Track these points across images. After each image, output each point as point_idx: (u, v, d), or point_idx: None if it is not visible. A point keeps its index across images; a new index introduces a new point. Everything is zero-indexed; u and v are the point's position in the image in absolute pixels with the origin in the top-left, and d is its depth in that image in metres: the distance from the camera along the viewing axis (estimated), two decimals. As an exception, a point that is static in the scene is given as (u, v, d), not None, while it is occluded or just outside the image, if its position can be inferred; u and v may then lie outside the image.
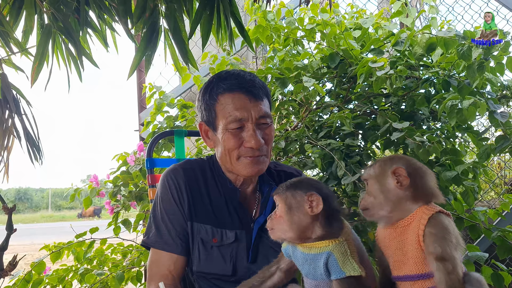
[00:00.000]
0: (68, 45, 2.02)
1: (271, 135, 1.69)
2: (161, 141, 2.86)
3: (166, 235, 1.68)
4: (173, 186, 1.70)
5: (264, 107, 1.66)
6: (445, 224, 1.18)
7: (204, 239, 1.66)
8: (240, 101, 1.63)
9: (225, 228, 1.67)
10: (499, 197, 4.18)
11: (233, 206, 1.71)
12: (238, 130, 1.62)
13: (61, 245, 2.71)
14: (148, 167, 2.14)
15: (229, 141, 1.62)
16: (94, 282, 2.55)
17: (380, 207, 1.25)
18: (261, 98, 1.66)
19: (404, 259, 1.22)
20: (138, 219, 2.85)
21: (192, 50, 2.25)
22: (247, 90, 1.64)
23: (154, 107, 3.09)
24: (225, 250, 1.65)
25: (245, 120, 1.61)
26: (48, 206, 40.37)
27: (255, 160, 1.64)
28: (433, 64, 2.71)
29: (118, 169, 2.97)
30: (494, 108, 2.29)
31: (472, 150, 3.76)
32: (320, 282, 1.28)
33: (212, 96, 1.67)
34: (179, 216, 1.68)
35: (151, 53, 2.02)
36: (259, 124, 1.64)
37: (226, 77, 1.69)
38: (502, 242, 2.45)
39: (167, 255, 1.67)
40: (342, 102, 2.83)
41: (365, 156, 2.55)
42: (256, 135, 1.61)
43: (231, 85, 1.65)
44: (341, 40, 2.77)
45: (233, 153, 1.64)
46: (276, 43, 2.93)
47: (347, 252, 1.26)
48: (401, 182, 1.22)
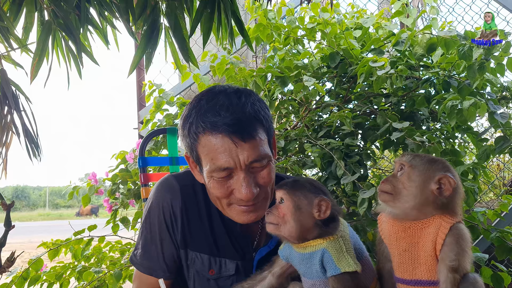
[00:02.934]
0: (68, 42, 2.01)
1: (268, 177, 1.42)
2: (160, 139, 2.86)
3: (154, 259, 1.55)
4: (167, 210, 1.52)
5: (256, 149, 1.36)
6: (466, 235, 1.15)
7: (199, 271, 1.52)
8: (224, 145, 1.33)
9: (224, 258, 1.52)
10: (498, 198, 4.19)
11: (234, 234, 1.54)
12: (225, 178, 1.37)
13: (59, 243, 2.70)
14: (141, 166, 2.10)
15: (216, 190, 1.40)
16: (91, 280, 2.54)
17: (405, 200, 1.19)
18: (252, 136, 1.36)
19: (414, 263, 1.19)
20: (136, 217, 2.84)
21: (192, 49, 2.25)
22: (233, 132, 1.33)
23: (153, 105, 3.08)
24: (224, 284, 1.51)
25: (232, 168, 1.35)
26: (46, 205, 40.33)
27: (249, 209, 1.42)
28: (433, 64, 2.71)
29: (116, 167, 2.96)
30: (494, 109, 2.29)
31: (471, 151, 3.76)
32: (316, 281, 1.28)
33: (191, 135, 1.40)
34: (169, 243, 1.53)
35: (152, 51, 2.01)
36: (251, 168, 1.38)
37: (208, 110, 1.37)
38: (501, 243, 2.45)
39: (151, 278, 1.56)
40: (342, 102, 2.83)
41: (364, 155, 2.55)
42: (247, 185, 1.35)
43: (213, 124, 1.34)
44: (342, 39, 2.77)
45: (222, 200, 1.43)
46: (276, 42, 2.93)
47: (342, 248, 1.25)
48: (443, 191, 1.17)
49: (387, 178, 1.24)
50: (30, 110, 2.05)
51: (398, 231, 1.23)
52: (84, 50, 2.10)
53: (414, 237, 1.19)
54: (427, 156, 1.24)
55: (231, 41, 2.20)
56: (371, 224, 2.41)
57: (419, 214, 1.19)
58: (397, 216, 1.23)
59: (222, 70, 2.82)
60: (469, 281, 1.13)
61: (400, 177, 1.21)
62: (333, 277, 1.23)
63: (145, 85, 3.19)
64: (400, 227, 1.22)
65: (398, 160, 1.25)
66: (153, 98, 3.10)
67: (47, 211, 36.19)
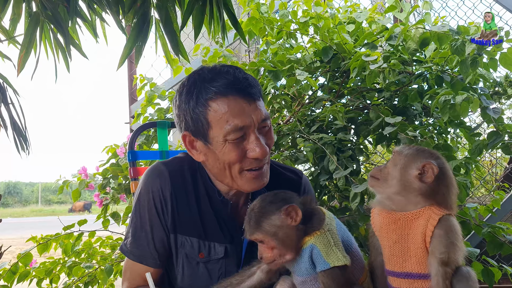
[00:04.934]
0: (56, 34, 1.98)
1: (272, 139, 1.51)
2: (151, 133, 2.83)
3: (144, 247, 1.54)
4: (157, 195, 1.52)
5: (263, 108, 1.46)
6: (456, 228, 1.14)
7: (188, 254, 1.52)
8: (238, 105, 1.39)
9: (213, 241, 1.52)
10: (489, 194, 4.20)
11: (223, 218, 1.55)
12: (239, 140, 1.41)
13: (49, 237, 2.67)
14: (130, 160, 2.07)
15: (231, 153, 1.41)
16: (82, 275, 2.52)
17: (389, 184, 1.20)
18: (258, 98, 1.45)
19: (404, 255, 1.19)
20: (127, 211, 2.82)
21: (184, 43, 2.22)
22: (244, 92, 1.41)
23: (145, 99, 3.05)
24: (213, 267, 1.52)
25: (247, 128, 1.40)
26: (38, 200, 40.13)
27: (259, 174, 1.46)
28: (426, 59, 2.70)
29: (107, 161, 2.93)
30: (487, 104, 2.29)
31: (464, 147, 3.77)
32: (307, 278, 1.27)
33: (200, 102, 1.41)
34: (159, 229, 1.53)
35: (142, 44, 1.98)
36: (260, 129, 1.45)
37: (213, 77, 1.43)
38: (492, 238, 2.45)
39: (142, 267, 1.54)
40: (335, 97, 2.81)
41: (357, 150, 2.54)
42: (261, 142, 1.41)
43: (224, 87, 1.40)
44: (335, 34, 2.75)
45: (235, 166, 1.44)
46: (269, 36, 2.91)
47: (330, 242, 1.24)
48: (425, 177, 1.17)
49: (379, 166, 1.26)
50: (18, 103, 2.02)
51: (388, 222, 1.22)
52: (73, 43, 2.07)
53: (404, 228, 1.19)
54: (418, 146, 1.25)
55: (223, 35, 2.18)
56: (363, 219, 2.40)
57: (406, 203, 1.19)
58: (385, 204, 1.23)
59: (214, 64, 2.79)
60: (462, 274, 1.12)
61: (390, 163, 1.23)
62: (323, 272, 1.22)
63: (136, 78, 3.16)
64: (391, 218, 1.22)
65: (394, 150, 1.27)
66: (145, 92, 3.07)
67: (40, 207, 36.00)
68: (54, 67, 2.03)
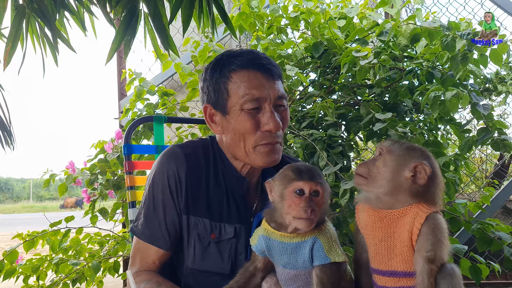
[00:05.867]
0: (44, 28, 1.95)
1: (287, 119, 1.57)
2: (140, 129, 2.80)
3: (156, 228, 1.55)
4: (172, 176, 1.55)
5: (281, 88, 1.54)
6: (443, 225, 1.13)
7: (201, 234, 1.53)
8: (257, 79, 1.49)
9: (223, 222, 1.54)
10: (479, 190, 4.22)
11: (233, 198, 1.57)
12: (254, 111, 1.48)
13: (35, 234, 2.63)
14: (126, 153, 2.05)
15: (246, 123, 1.48)
16: (69, 272, 2.49)
17: (379, 185, 1.16)
18: (278, 78, 1.55)
19: (389, 254, 1.16)
20: (115, 208, 2.79)
21: (174, 37, 2.19)
22: (264, 68, 1.51)
23: (134, 94, 3.01)
24: (224, 247, 1.53)
25: (263, 100, 1.48)
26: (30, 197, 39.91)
27: (272, 149, 1.51)
28: (417, 55, 2.70)
29: (95, 157, 2.90)
30: (477, 100, 2.29)
31: (454, 143, 3.78)
32: (300, 271, 1.24)
33: (223, 73, 1.52)
34: (172, 210, 1.55)
35: (131, 38, 1.95)
36: (276, 106, 1.51)
37: (239, 53, 1.55)
38: (482, 234, 2.46)
39: (153, 249, 1.56)
40: (326, 93, 2.80)
41: (347, 146, 2.53)
42: (274, 116, 1.48)
43: (246, 61, 1.51)
44: (326, 29, 2.74)
45: (249, 138, 1.50)
46: (259, 31, 2.88)
47: (332, 237, 1.23)
48: (418, 179, 1.14)
49: (364, 162, 1.22)
50: (2, 97, 1.98)
51: (374, 220, 1.20)
52: (60, 37, 2.04)
53: (390, 226, 1.17)
54: (407, 144, 1.22)
55: (213, 29, 2.16)
56: (353, 215, 2.39)
57: (394, 202, 1.17)
58: (371, 202, 1.20)
59: (204, 58, 2.77)
60: (447, 271, 1.10)
61: (376, 161, 1.19)
62: (320, 266, 1.20)
63: (124, 73, 3.12)
64: (377, 216, 1.19)
65: (378, 145, 1.23)
66: (134, 87, 3.04)
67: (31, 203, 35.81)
68: (42, 62, 2.00)
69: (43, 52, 2.01)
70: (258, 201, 1.64)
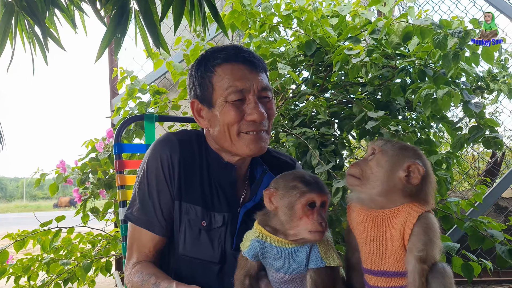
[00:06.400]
0: (34, 26, 1.93)
1: (273, 110, 1.59)
2: (132, 128, 2.78)
3: (151, 213, 1.57)
4: (165, 161, 1.57)
5: (265, 80, 1.57)
6: (435, 225, 1.13)
7: (192, 221, 1.55)
8: (240, 71, 1.53)
9: (213, 211, 1.56)
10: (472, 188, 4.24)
11: (221, 187, 1.60)
12: (239, 102, 1.51)
13: (26, 234, 2.61)
14: (116, 152, 2.03)
15: (229, 113, 1.51)
16: (60, 272, 2.46)
17: (372, 186, 1.16)
18: (261, 70, 1.57)
19: (381, 254, 1.16)
20: (106, 207, 2.77)
21: (166, 36, 2.17)
22: (247, 60, 1.55)
23: (125, 92, 2.99)
24: (214, 235, 1.54)
25: (246, 92, 1.51)
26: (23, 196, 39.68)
27: (257, 137, 1.53)
28: (410, 53, 2.69)
29: (86, 156, 2.87)
30: (469, 98, 2.29)
31: (447, 141, 3.78)
32: (296, 275, 1.24)
33: (207, 67, 1.56)
34: (166, 195, 1.57)
35: (121, 36, 1.93)
36: (260, 98, 1.54)
37: (223, 48, 1.60)
38: (474, 232, 2.46)
39: (149, 235, 1.57)
40: (319, 91, 2.79)
41: (340, 145, 2.52)
42: (258, 106, 1.51)
43: (229, 55, 1.55)
44: (318, 27, 2.73)
45: (233, 128, 1.52)
46: (252, 29, 2.87)
47: (328, 241, 1.22)
48: (411, 178, 1.14)
49: (356, 162, 1.21)
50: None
51: (366, 220, 1.19)
52: (50, 35, 2.01)
53: (382, 226, 1.16)
54: (399, 143, 1.21)
55: (204, 27, 2.14)
56: (345, 214, 2.38)
57: (387, 202, 1.16)
58: (364, 202, 1.20)
59: (196, 57, 2.74)
60: (438, 270, 1.10)
61: (369, 161, 1.19)
62: (316, 269, 1.20)
63: (116, 71, 3.09)
64: (369, 216, 1.19)
65: (370, 145, 1.23)
66: (125, 86, 3.01)
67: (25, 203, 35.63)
68: (31, 60, 1.97)
69: (33, 50, 1.99)
70: (246, 193, 1.65)
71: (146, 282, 1.47)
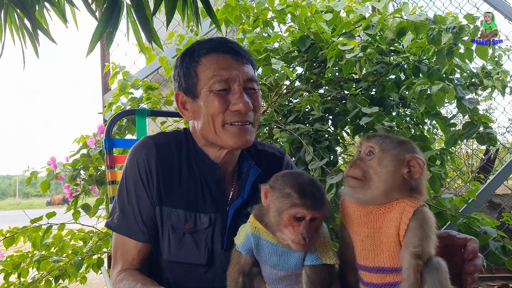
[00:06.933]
0: (24, 19, 1.90)
1: (259, 102, 1.56)
2: (124, 123, 2.75)
3: (132, 221, 1.53)
4: (142, 166, 1.53)
5: (251, 71, 1.55)
6: (431, 220, 1.11)
7: (175, 225, 1.51)
8: (226, 61, 1.51)
9: (198, 212, 1.52)
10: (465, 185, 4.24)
11: (208, 186, 1.55)
12: (223, 92, 1.48)
13: (15, 230, 2.57)
14: (107, 147, 2.01)
15: (213, 103, 1.47)
16: (51, 269, 2.43)
17: (376, 186, 1.13)
18: (247, 61, 1.55)
19: (376, 250, 1.14)
20: (97, 203, 2.74)
21: (158, 31, 2.14)
22: (233, 50, 1.53)
23: (117, 88, 2.96)
24: (199, 237, 1.50)
25: (231, 81, 1.48)
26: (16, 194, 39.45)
27: (242, 129, 1.49)
28: (404, 49, 2.68)
29: (77, 152, 2.84)
30: (463, 94, 2.28)
31: (441, 138, 3.78)
32: (291, 272, 1.22)
33: (193, 58, 1.54)
34: (146, 201, 1.53)
35: (113, 30, 1.90)
36: (246, 89, 1.51)
37: (209, 40, 1.57)
38: (468, 229, 2.46)
39: (131, 242, 1.53)
40: (313, 87, 2.78)
41: (333, 141, 2.51)
42: (243, 97, 1.47)
43: (215, 46, 1.53)
44: (312, 23, 2.71)
45: (217, 118, 1.48)
46: (245, 25, 2.84)
47: (325, 239, 1.20)
48: (413, 173, 1.12)
49: (355, 162, 1.17)
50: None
51: (360, 216, 1.17)
52: (40, 28, 1.98)
53: (376, 222, 1.14)
54: (396, 138, 1.18)
55: (197, 21, 2.11)
56: (339, 210, 2.37)
57: (386, 199, 1.14)
58: (364, 202, 1.17)
59: (189, 52, 2.72)
60: (433, 265, 1.08)
61: (370, 161, 1.15)
62: (312, 266, 1.18)
63: (107, 66, 3.06)
64: (363, 212, 1.17)
65: (365, 143, 1.18)
66: (117, 81, 2.98)
67: (17, 200, 35.43)
68: (22, 53, 1.94)
69: (23, 43, 1.96)
70: (234, 190, 1.61)
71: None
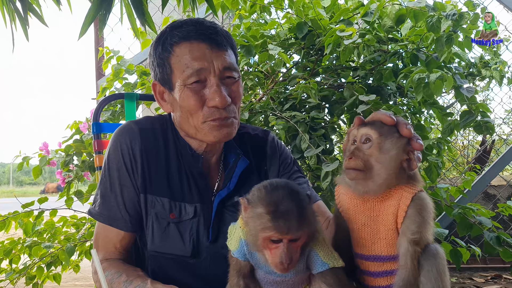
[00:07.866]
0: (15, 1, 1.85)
1: (238, 92, 1.45)
2: (118, 109, 2.71)
3: (114, 209, 1.46)
4: (126, 151, 1.46)
5: (228, 58, 1.42)
6: (429, 205, 1.08)
7: (159, 214, 1.45)
8: (200, 50, 1.39)
9: (183, 202, 1.45)
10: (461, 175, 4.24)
11: (193, 177, 1.49)
12: (198, 86, 1.38)
13: (6, 216, 2.54)
14: (95, 132, 1.96)
15: (189, 99, 1.38)
16: (43, 256, 2.41)
17: (379, 175, 1.08)
18: (224, 47, 1.43)
19: (373, 238, 1.12)
20: (90, 189, 2.70)
21: (154, 16, 2.10)
22: (208, 37, 1.40)
23: (111, 73, 2.91)
24: (184, 228, 1.44)
25: (206, 72, 1.38)
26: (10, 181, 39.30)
27: (223, 124, 1.40)
28: (402, 37, 2.65)
29: (70, 137, 2.80)
30: (461, 83, 2.26)
31: (437, 128, 3.77)
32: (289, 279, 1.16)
33: (165, 47, 1.43)
34: (129, 188, 1.46)
35: (106, 13, 1.86)
36: (223, 79, 1.41)
37: (182, 24, 1.44)
38: (463, 219, 2.46)
39: (113, 231, 1.47)
40: (309, 75, 2.75)
41: (330, 129, 2.49)
42: (220, 90, 1.37)
43: (188, 33, 1.40)
44: (310, 9, 2.67)
45: (196, 115, 1.40)
46: (242, 10, 2.80)
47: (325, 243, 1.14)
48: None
49: (353, 153, 1.10)
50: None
51: (357, 204, 1.14)
52: (32, 10, 1.94)
53: (373, 210, 1.11)
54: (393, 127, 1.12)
55: (193, 6, 2.07)
56: (334, 198, 2.36)
57: (386, 187, 1.10)
58: (365, 193, 1.12)
59: (185, 38, 2.68)
60: (430, 252, 1.06)
61: (369, 149, 1.09)
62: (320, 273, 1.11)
63: (101, 51, 3.00)
64: (359, 200, 1.14)
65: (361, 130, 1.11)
66: (111, 66, 2.93)
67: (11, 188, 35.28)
68: (12, 35, 1.90)
69: (13, 26, 1.91)
70: (220, 180, 1.55)
71: (116, 280, 1.37)
